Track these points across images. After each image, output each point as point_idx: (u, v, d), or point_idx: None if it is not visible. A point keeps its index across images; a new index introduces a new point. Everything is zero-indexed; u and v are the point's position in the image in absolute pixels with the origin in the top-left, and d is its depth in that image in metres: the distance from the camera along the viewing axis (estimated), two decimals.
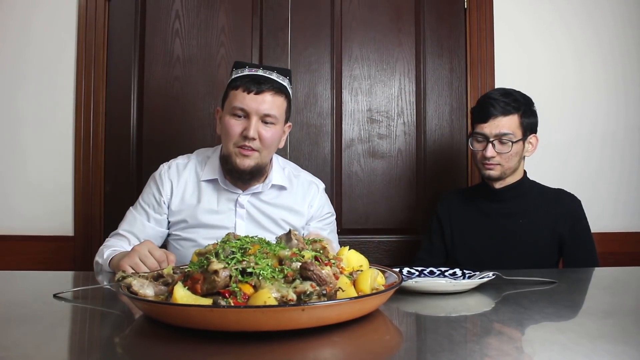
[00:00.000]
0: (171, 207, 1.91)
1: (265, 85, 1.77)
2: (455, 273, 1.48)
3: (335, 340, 0.93)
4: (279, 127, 1.83)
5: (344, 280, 1.06)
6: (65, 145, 2.57)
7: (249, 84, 1.77)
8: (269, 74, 1.81)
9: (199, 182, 1.91)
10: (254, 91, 1.76)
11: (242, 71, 1.82)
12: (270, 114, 1.78)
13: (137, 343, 0.98)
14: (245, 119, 1.78)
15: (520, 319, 1.07)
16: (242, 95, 1.77)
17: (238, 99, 1.77)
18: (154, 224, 1.91)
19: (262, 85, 1.77)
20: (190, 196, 1.90)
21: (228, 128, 1.79)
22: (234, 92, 1.79)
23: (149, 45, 2.65)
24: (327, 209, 2.04)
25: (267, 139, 1.79)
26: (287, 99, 1.85)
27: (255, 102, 1.76)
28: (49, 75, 2.58)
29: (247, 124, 1.77)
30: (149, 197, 1.93)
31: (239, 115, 1.78)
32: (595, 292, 1.48)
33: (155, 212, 1.91)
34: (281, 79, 1.83)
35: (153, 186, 1.94)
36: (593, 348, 0.86)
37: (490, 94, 2.06)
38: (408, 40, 2.75)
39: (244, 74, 1.81)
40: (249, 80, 1.78)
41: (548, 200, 2.06)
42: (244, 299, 0.97)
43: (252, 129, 1.76)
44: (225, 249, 1.08)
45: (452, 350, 0.88)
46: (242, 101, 1.76)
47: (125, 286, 1.07)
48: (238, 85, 1.78)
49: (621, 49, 2.76)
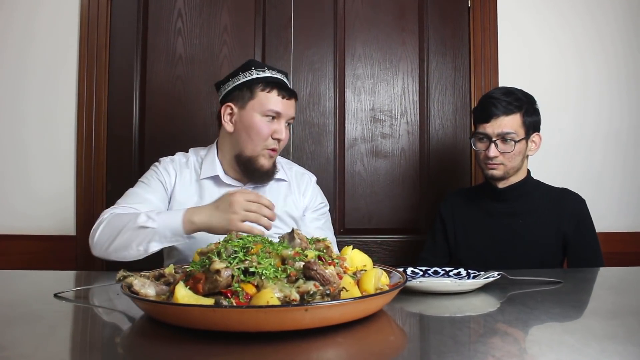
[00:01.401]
0: (174, 197, 1.86)
1: (293, 91, 1.87)
2: (459, 273, 1.47)
3: (338, 341, 0.92)
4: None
5: (347, 280, 1.04)
6: (68, 145, 2.56)
7: (281, 90, 1.83)
8: (283, 76, 1.89)
9: (199, 180, 1.89)
10: (286, 97, 1.83)
11: (262, 72, 1.85)
12: (294, 117, 1.90)
13: (138, 343, 0.96)
14: (273, 120, 1.83)
15: (527, 320, 1.06)
16: (277, 99, 1.82)
17: (272, 102, 1.81)
18: (162, 201, 1.84)
19: (291, 91, 1.86)
20: (192, 194, 1.88)
21: (258, 129, 1.82)
22: (266, 95, 1.82)
23: (151, 44, 2.64)
24: (320, 199, 2.04)
25: (286, 140, 1.88)
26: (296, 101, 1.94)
27: (290, 108, 1.85)
28: (51, 74, 2.57)
29: (277, 126, 1.83)
30: (152, 177, 1.88)
31: (271, 117, 1.82)
32: (601, 292, 1.46)
33: (159, 191, 1.85)
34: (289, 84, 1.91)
35: (157, 170, 1.90)
36: (602, 349, 0.85)
37: (492, 93, 2.04)
38: (411, 39, 2.73)
39: (269, 76, 1.84)
40: (280, 86, 1.83)
41: (552, 200, 2.04)
42: (246, 298, 0.95)
43: (285, 132, 1.84)
44: (228, 248, 1.06)
45: (458, 351, 0.87)
46: (277, 105, 1.81)
47: (126, 286, 1.06)
48: (272, 88, 1.82)
49: (624, 48, 2.75)
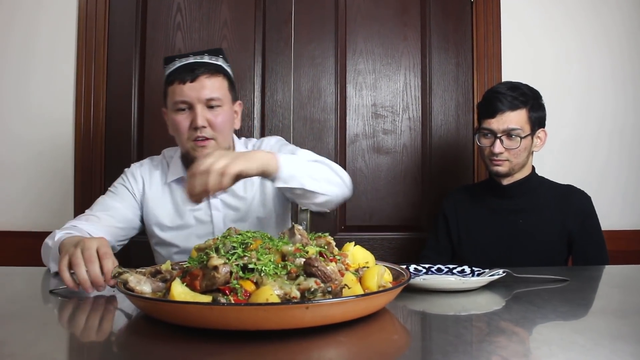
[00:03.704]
0: (146, 203, 1.84)
1: (199, 70, 1.70)
2: (463, 270, 1.44)
3: (340, 340, 0.89)
4: (226, 108, 1.75)
5: (349, 277, 1.01)
6: (66, 141, 2.54)
7: (182, 74, 1.69)
8: (200, 57, 1.74)
9: (168, 183, 1.85)
10: (189, 79, 1.68)
11: (173, 65, 1.75)
12: (213, 97, 1.70)
13: (133, 342, 0.94)
14: (190, 110, 1.70)
15: (534, 318, 1.03)
16: (179, 87, 1.69)
17: (176, 92, 1.70)
18: (128, 208, 1.81)
19: (196, 71, 1.69)
20: (163, 197, 1.85)
21: (176, 125, 1.72)
22: (171, 88, 1.72)
23: (150, 40, 2.61)
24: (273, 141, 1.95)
25: (218, 123, 1.71)
26: (226, 77, 1.77)
27: (194, 90, 1.68)
28: (48, 70, 2.54)
29: (193, 114, 1.69)
30: (119, 185, 1.87)
31: (182, 109, 1.71)
32: (609, 291, 1.43)
33: (127, 200, 1.82)
34: (214, 59, 1.76)
35: (124, 177, 1.88)
36: (613, 350, 0.82)
37: (497, 88, 2.01)
38: (414, 34, 2.70)
39: (175, 67, 1.73)
40: (181, 71, 1.70)
41: (557, 197, 2.01)
42: (245, 296, 0.92)
43: (200, 117, 1.68)
44: (226, 244, 1.03)
45: (463, 350, 0.84)
46: (180, 93, 1.69)
47: (122, 282, 1.03)
48: (173, 80, 1.71)
49: (629, 43, 2.72)
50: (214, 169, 1.24)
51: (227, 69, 1.80)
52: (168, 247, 1.85)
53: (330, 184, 1.55)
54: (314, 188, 1.49)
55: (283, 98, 2.63)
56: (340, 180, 1.61)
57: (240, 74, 2.62)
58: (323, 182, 1.52)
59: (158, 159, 1.94)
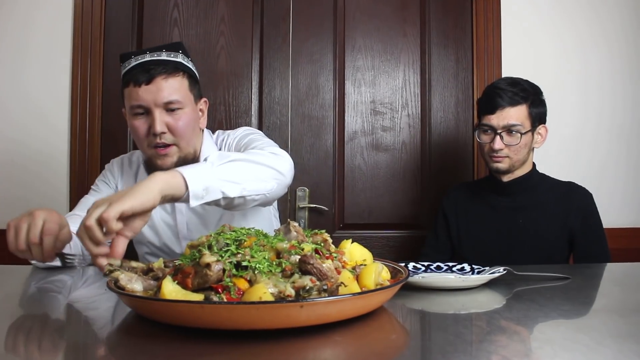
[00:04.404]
0: None
1: (156, 69, 1.56)
2: (463, 268, 1.41)
3: (336, 340, 0.86)
4: (188, 110, 1.61)
5: (346, 275, 0.98)
6: (61, 140, 2.52)
7: (137, 75, 1.55)
8: (158, 55, 1.60)
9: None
10: (144, 81, 1.54)
11: (128, 63, 1.60)
12: (172, 100, 1.56)
13: (123, 342, 0.91)
14: (147, 115, 1.57)
15: (536, 317, 1.00)
16: (134, 90, 1.55)
17: (132, 95, 1.56)
18: None
19: (152, 71, 1.55)
20: None
21: (134, 131, 1.60)
22: (126, 90, 1.59)
23: (147, 35, 2.59)
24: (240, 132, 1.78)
25: (178, 128, 1.58)
26: (186, 75, 1.63)
27: (150, 93, 1.54)
28: (43, 67, 2.52)
29: (151, 119, 1.56)
30: (99, 182, 1.82)
31: (140, 113, 1.57)
32: (612, 289, 1.40)
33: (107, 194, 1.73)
34: (172, 55, 1.62)
35: (104, 173, 1.84)
36: (619, 349, 0.79)
37: (497, 83, 1.98)
38: (413, 31, 2.68)
39: (131, 66, 1.58)
40: (137, 71, 1.56)
41: (558, 194, 1.99)
42: (238, 294, 0.89)
43: (158, 124, 1.54)
44: (219, 240, 1.00)
45: (463, 350, 0.81)
46: (136, 97, 1.55)
47: (112, 281, 1.00)
48: (128, 80, 1.57)
49: (628, 40, 2.71)
50: (89, 224, 1.07)
51: (188, 65, 1.67)
52: (141, 246, 1.81)
53: (260, 181, 1.38)
54: (240, 193, 1.31)
55: (281, 95, 2.61)
56: (273, 171, 1.42)
57: (237, 70, 2.59)
58: (249, 182, 1.34)
59: (137, 154, 1.86)
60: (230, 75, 2.58)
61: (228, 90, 2.57)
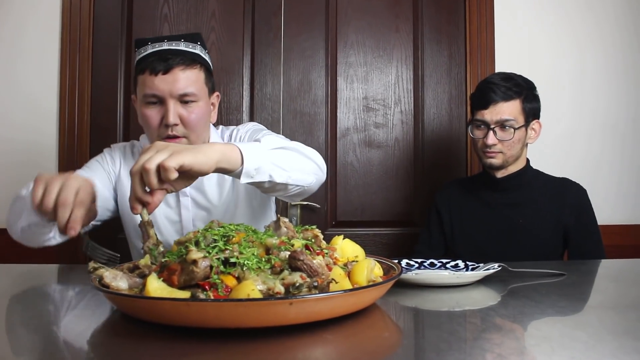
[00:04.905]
0: (120, 187, 1.67)
1: (174, 60, 1.52)
2: (457, 265, 1.39)
3: (327, 338, 0.83)
4: (202, 103, 1.58)
5: (337, 271, 0.96)
6: (49, 136, 2.47)
7: (154, 63, 1.51)
8: (176, 44, 1.56)
9: None
10: (161, 71, 1.51)
11: (145, 50, 1.56)
12: (187, 92, 1.53)
13: (107, 341, 0.88)
14: (161, 105, 1.54)
15: (532, 314, 0.98)
16: (150, 78, 1.51)
17: (147, 84, 1.52)
18: (104, 185, 1.65)
19: (170, 60, 1.52)
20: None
21: (146, 120, 1.56)
22: (141, 77, 1.54)
23: (137, 31, 2.55)
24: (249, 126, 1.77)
25: (191, 121, 1.55)
26: (203, 68, 1.60)
27: (166, 83, 1.51)
28: (31, 62, 2.48)
29: (165, 109, 1.52)
30: (94, 161, 1.72)
31: (153, 102, 1.54)
32: (608, 285, 1.38)
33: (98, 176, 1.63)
34: (191, 47, 1.58)
35: (103, 156, 1.74)
36: (618, 345, 0.77)
37: (491, 78, 1.96)
38: (405, 26, 2.65)
39: (148, 53, 1.55)
40: (154, 59, 1.52)
41: (552, 190, 1.97)
42: (225, 291, 0.87)
43: (172, 115, 1.51)
44: (207, 236, 0.97)
45: (459, 348, 0.79)
46: (151, 86, 1.51)
47: (96, 278, 0.97)
48: (144, 68, 1.53)
49: (622, 37, 2.69)
50: (149, 167, 1.01)
51: (205, 58, 1.64)
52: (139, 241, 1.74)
53: (304, 173, 1.38)
54: (285, 180, 1.31)
55: (272, 91, 2.58)
56: (315, 166, 1.44)
57: (228, 66, 2.56)
58: (295, 172, 1.34)
59: (137, 145, 1.80)
60: (221, 72, 2.55)
61: (219, 87, 2.54)
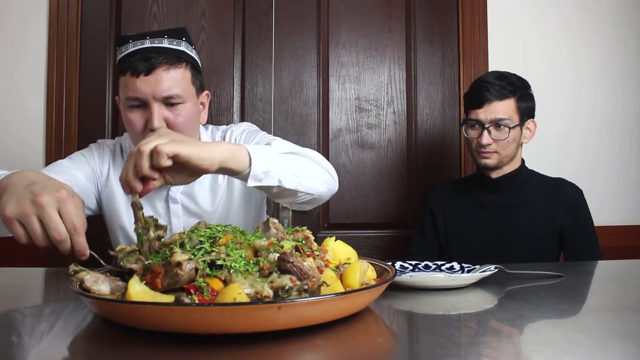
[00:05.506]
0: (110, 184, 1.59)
1: (157, 59, 1.42)
2: (452, 267, 1.35)
3: (318, 344, 0.79)
4: (189, 104, 1.48)
5: (329, 274, 0.92)
6: (36, 139, 2.43)
7: (136, 63, 1.41)
8: (159, 42, 1.45)
9: None
10: (143, 72, 1.40)
11: (126, 48, 1.45)
12: (172, 94, 1.43)
13: (85, 348, 0.84)
14: (144, 107, 1.44)
15: (531, 317, 0.94)
16: (132, 80, 1.41)
17: (129, 86, 1.42)
18: (87, 179, 1.56)
19: (152, 60, 1.41)
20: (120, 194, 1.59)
21: (129, 124, 1.46)
22: (123, 79, 1.45)
23: (126, 30, 2.51)
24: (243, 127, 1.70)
25: (178, 124, 1.45)
26: (189, 66, 1.50)
27: (149, 85, 1.41)
28: (17, 63, 2.44)
29: (149, 113, 1.42)
30: (79, 154, 1.62)
31: (136, 105, 1.44)
32: (607, 286, 1.35)
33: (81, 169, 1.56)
34: (175, 43, 1.47)
35: (89, 150, 1.64)
36: (623, 350, 0.73)
37: (485, 77, 1.94)
38: (398, 26, 2.62)
39: (129, 52, 1.44)
40: (135, 59, 1.42)
41: (548, 190, 1.94)
42: (211, 295, 0.83)
43: (156, 119, 1.41)
44: (193, 238, 0.94)
45: (455, 353, 0.75)
46: (133, 88, 1.41)
47: (77, 282, 0.93)
48: (125, 68, 1.43)
49: (618, 37, 2.67)
50: (143, 149, 0.97)
51: (192, 54, 1.53)
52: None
53: (315, 181, 1.32)
54: (295, 186, 1.25)
55: (264, 91, 2.54)
56: (328, 175, 1.38)
57: (219, 66, 2.52)
58: (306, 179, 1.28)
59: (128, 143, 1.69)
60: (211, 72, 2.51)
61: (209, 87, 2.50)
